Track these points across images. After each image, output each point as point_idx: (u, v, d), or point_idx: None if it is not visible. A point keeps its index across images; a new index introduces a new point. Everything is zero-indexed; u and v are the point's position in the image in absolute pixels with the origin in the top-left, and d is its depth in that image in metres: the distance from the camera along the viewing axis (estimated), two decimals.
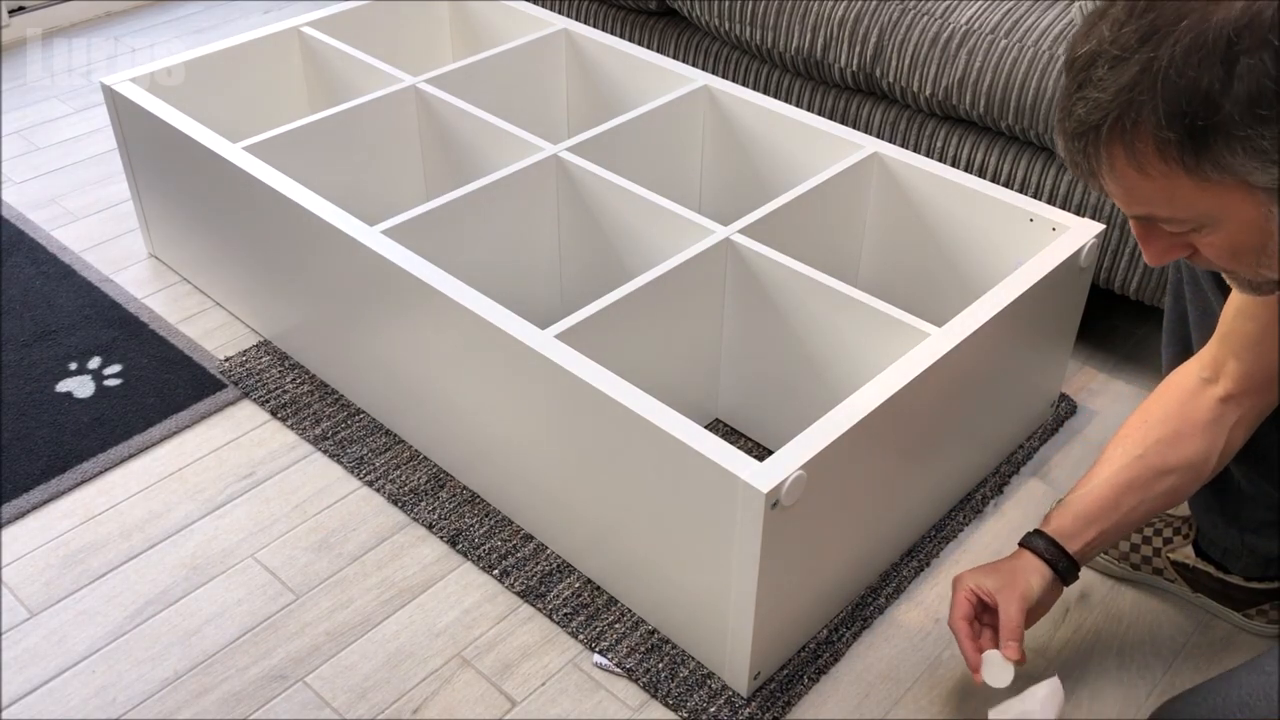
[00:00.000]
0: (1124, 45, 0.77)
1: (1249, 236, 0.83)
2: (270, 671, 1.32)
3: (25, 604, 1.40)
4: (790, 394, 1.51)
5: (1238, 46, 0.73)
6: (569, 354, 1.27)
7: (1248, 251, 0.85)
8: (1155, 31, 0.76)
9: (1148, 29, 0.76)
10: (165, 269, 1.95)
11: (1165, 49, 0.75)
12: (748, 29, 1.90)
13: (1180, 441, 1.17)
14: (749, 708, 1.27)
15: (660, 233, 1.54)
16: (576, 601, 1.39)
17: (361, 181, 1.80)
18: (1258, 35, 0.73)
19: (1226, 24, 0.74)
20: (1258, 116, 0.74)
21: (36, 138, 2.33)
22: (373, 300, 1.50)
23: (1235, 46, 0.73)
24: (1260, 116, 0.74)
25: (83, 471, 1.56)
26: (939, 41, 1.70)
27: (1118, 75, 0.78)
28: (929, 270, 1.64)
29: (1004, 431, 1.56)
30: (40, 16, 2.72)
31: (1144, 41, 0.76)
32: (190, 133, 1.67)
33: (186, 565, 1.45)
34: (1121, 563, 1.42)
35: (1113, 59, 0.78)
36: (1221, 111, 0.74)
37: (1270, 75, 0.73)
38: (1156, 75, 0.76)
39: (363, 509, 1.52)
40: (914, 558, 1.44)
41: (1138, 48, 0.77)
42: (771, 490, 1.10)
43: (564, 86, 2.02)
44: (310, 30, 1.97)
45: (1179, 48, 0.75)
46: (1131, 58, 0.77)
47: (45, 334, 1.79)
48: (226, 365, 1.73)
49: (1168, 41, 0.75)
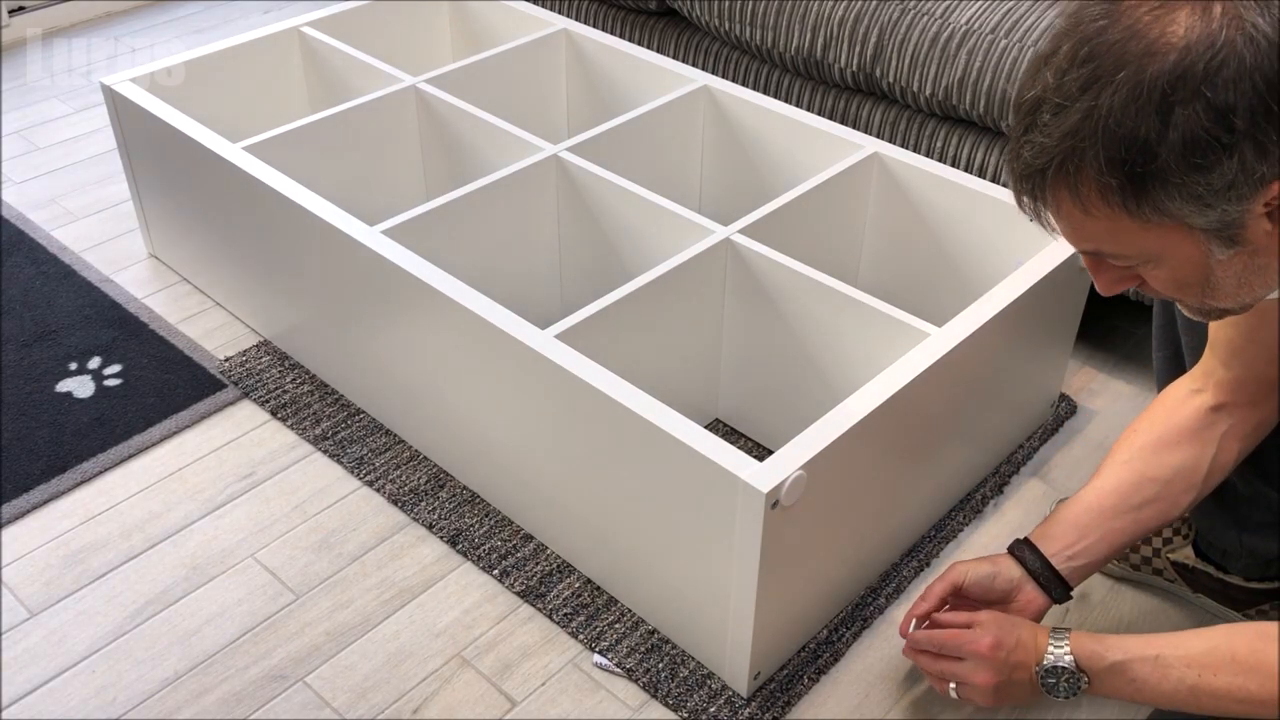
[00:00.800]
0: (1066, 93, 0.80)
1: (1192, 272, 0.86)
2: (270, 671, 1.32)
3: (25, 604, 1.40)
4: (790, 394, 1.51)
5: (1172, 97, 0.76)
6: (569, 354, 1.27)
7: (1192, 284, 0.88)
8: (1096, 80, 0.79)
9: (1089, 77, 0.79)
10: (165, 269, 1.95)
11: (1105, 98, 0.78)
12: (748, 29, 1.90)
13: (1165, 449, 1.17)
14: (749, 708, 1.27)
15: (660, 233, 1.54)
16: (576, 601, 1.39)
17: (361, 181, 1.80)
18: (1190, 87, 0.75)
19: (1161, 75, 0.76)
20: (1193, 164, 0.77)
21: (36, 138, 2.33)
22: (373, 300, 1.50)
23: (1170, 97, 0.76)
24: (1195, 164, 0.77)
25: (83, 471, 1.56)
26: (939, 41, 1.70)
27: (1061, 122, 0.80)
28: (929, 270, 1.64)
29: (1004, 431, 1.56)
30: (40, 16, 2.72)
31: (1085, 90, 0.79)
32: (190, 133, 1.67)
33: (186, 565, 1.45)
34: (1121, 563, 1.42)
35: (1056, 106, 0.81)
36: (1159, 159, 0.77)
37: (1203, 125, 0.76)
38: (1097, 123, 0.78)
39: (363, 509, 1.52)
40: (914, 558, 1.44)
41: (1079, 95, 0.79)
42: (771, 490, 1.10)
43: (564, 86, 2.02)
44: (310, 30, 1.97)
45: (1118, 98, 0.77)
46: (1074, 105, 0.79)
47: (45, 334, 1.79)
48: (226, 365, 1.73)
49: (1107, 91, 0.78)
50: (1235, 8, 0.76)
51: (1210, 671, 1.00)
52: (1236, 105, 0.75)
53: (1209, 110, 0.75)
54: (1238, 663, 0.98)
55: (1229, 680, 0.98)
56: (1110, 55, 0.78)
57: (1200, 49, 0.75)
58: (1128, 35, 0.78)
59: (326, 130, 1.74)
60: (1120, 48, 0.78)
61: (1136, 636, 1.07)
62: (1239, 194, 0.78)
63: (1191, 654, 1.02)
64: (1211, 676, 1.00)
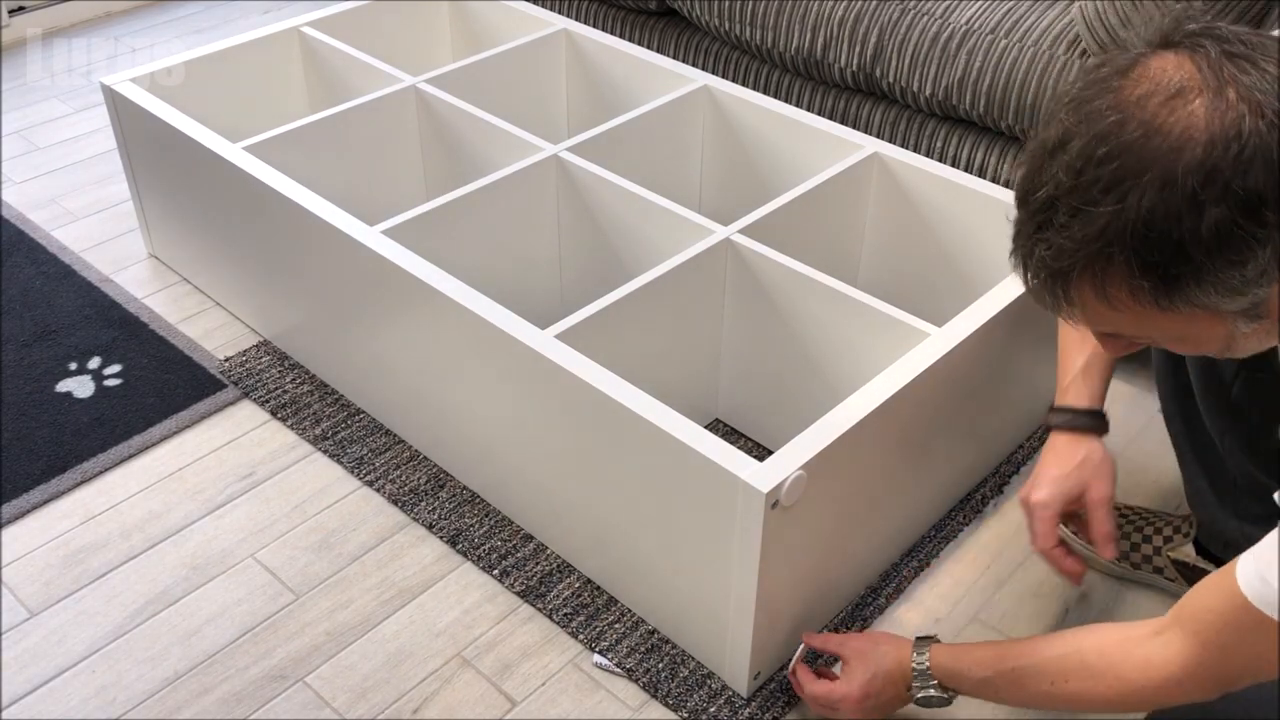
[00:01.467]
0: (1086, 195, 0.78)
1: (1213, 344, 0.86)
2: (270, 671, 1.32)
3: (25, 604, 1.40)
4: (790, 394, 1.51)
5: (1202, 196, 0.74)
6: (569, 354, 1.27)
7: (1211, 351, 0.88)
8: (1119, 182, 0.76)
9: (1111, 179, 0.76)
10: (165, 269, 1.95)
11: (1132, 200, 0.76)
12: (748, 29, 1.90)
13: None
14: (749, 708, 1.27)
15: (660, 233, 1.54)
16: (576, 601, 1.39)
17: (361, 181, 1.80)
18: (1220, 183, 0.74)
19: (1190, 173, 0.74)
20: (1227, 259, 0.76)
21: (36, 138, 2.33)
22: (373, 300, 1.50)
23: (1200, 196, 0.74)
24: (1230, 260, 0.76)
25: (83, 471, 1.56)
26: (939, 41, 1.70)
27: (1084, 225, 0.78)
28: (929, 270, 1.64)
29: (1004, 431, 1.56)
30: (40, 16, 2.72)
31: (1107, 191, 0.77)
32: (190, 133, 1.67)
33: (186, 565, 1.45)
34: (1121, 562, 1.42)
35: (1074, 208, 0.78)
36: (1193, 259, 0.76)
37: (1236, 221, 0.74)
38: (1125, 228, 0.76)
39: (363, 509, 1.52)
40: (914, 558, 1.44)
41: (1101, 198, 0.77)
42: (771, 490, 1.10)
43: (564, 86, 2.02)
44: (310, 30, 1.97)
45: (1145, 201, 0.75)
46: (1096, 209, 0.77)
47: (45, 334, 1.79)
48: (226, 365, 1.73)
49: (1134, 193, 0.76)
50: (1249, 93, 0.74)
51: (1063, 678, 1.03)
52: (1267, 196, 0.74)
53: (1240, 204, 0.74)
54: (1087, 667, 1.01)
55: (1080, 685, 1.02)
56: (1132, 154, 0.76)
57: (1226, 141, 0.73)
58: (1147, 132, 0.75)
59: (326, 130, 1.74)
60: (1142, 145, 0.75)
61: (992, 648, 1.12)
62: (1269, 278, 0.77)
63: (1044, 663, 1.05)
64: (1064, 683, 1.03)
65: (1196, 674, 0.95)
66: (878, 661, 1.18)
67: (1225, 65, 0.75)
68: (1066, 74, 1.60)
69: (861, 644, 1.21)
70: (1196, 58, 0.77)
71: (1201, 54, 0.77)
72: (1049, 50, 1.62)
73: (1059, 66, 1.61)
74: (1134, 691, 0.99)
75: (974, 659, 1.12)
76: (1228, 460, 1.23)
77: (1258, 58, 0.76)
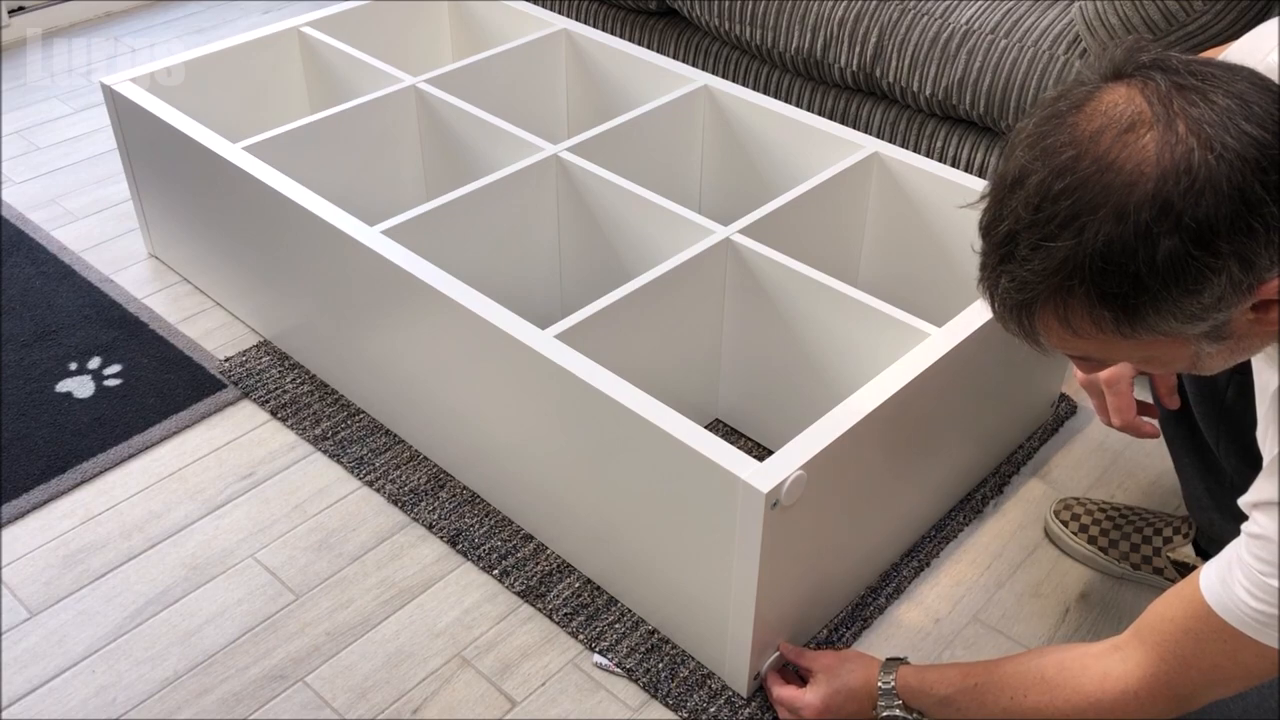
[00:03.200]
0: (1044, 230, 0.79)
1: (1180, 364, 0.88)
2: (270, 671, 1.32)
3: (25, 604, 1.40)
4: (790, 394, 1.51)
5: (1155, 229, 0.76)
6: (569, 354, 1.27)
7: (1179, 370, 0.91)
8: (1076, 217, 0.78)
9: (1067, 214, 0.78)
10: (165, 269, 1.95)
11: (1089, 234, 0.77)
12: (748, 29, 1.90)
13: None
14: (749, 708, 1.27)
15: (660, 233, 1.54)
16: (576, 601, 1.39)
17: (361, 181, 1.80)
18: (1172, 216, 0.75)
19: (1142, 207, 0.76)
20: (1184, 289, 0.77)
21: (36, 138, 2.33)
22: (373, 300, 1.50)
23: (1153, 229, 0.76)
24: (1186, 289, 0.77)
25: (83, 471, 1.56)
26: (939, 41, 1.70)
27: (1043, 258, 0.80)
28: (929, 270, 1.64)
29: (1004, 431, 1.56)
30: (40, 16, 2.72)
31: (1065, 226, 0.78)
32: (190, 133, 1.67)
33: (186, 565, 1.45)
34: (1121, 562, 1.42)
35: (1034, 242, 0.80)
36: (1149, 289, 0.77)
37: (1189, 253, 0.76)
38: (1084, 261, 0.78)
39: (363, 509, 1.52)
40: (914, 558, 1.44)
41: (1059, 233, 0.78)
42: (771, 490, 1.10)
43: (564, 86, 2.02)
44: (310, 30, 1.97)
45: (1101, 235, 0.77)
46: (1055, 243, 0.79)
47: (45, 334, 1.79)
48: (226, 365, 1.73)
49: (1090, 227, 0.77)
50: (1198, 125, 0.76)
51: (1022, 693, 1.06)
52: (1219, 227, 0.75)
53: (1192, 236, 0.75)
54: (1046, 681, 1.04)
55: (1039, 698, 1.04)
56: (1087, 189, 0.77)
57: (1176, 175, 0.75)
58: (1101, 167, 0.77)
59: (326, 130, 1.74)
60: (1097, 180, 0.77)
61: (958, 667, 1.14)
62: (1228, 304, 0.79)
63: (1005, 678, 1.08)
64: (1023, 697, 1.06)
65: (1153, 687, 0.96)
66: (843, 679, 1.21)
67: (1175, 98, 0.77)
68: (1066, 74, 1.60)
69: (830, 660, 1.24)
70: (1147, 90, 0.78)
71: (1151, 85, 0.78)
72: (1049, 50, 1.62)
73: (1059, 66, 1.61)
74: (1091, 705, 1.00)
75: (938, 677, 1.15)
76: (1224, 464, 1.23)
77: (1206, 89, 0.77)
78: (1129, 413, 1.21)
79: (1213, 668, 0.92)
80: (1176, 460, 1.34)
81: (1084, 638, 1.36)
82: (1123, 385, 1.21)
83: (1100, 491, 1.55)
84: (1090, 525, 1.44)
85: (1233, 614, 0.89)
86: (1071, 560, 1.45)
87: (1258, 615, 0.87)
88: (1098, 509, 1.46)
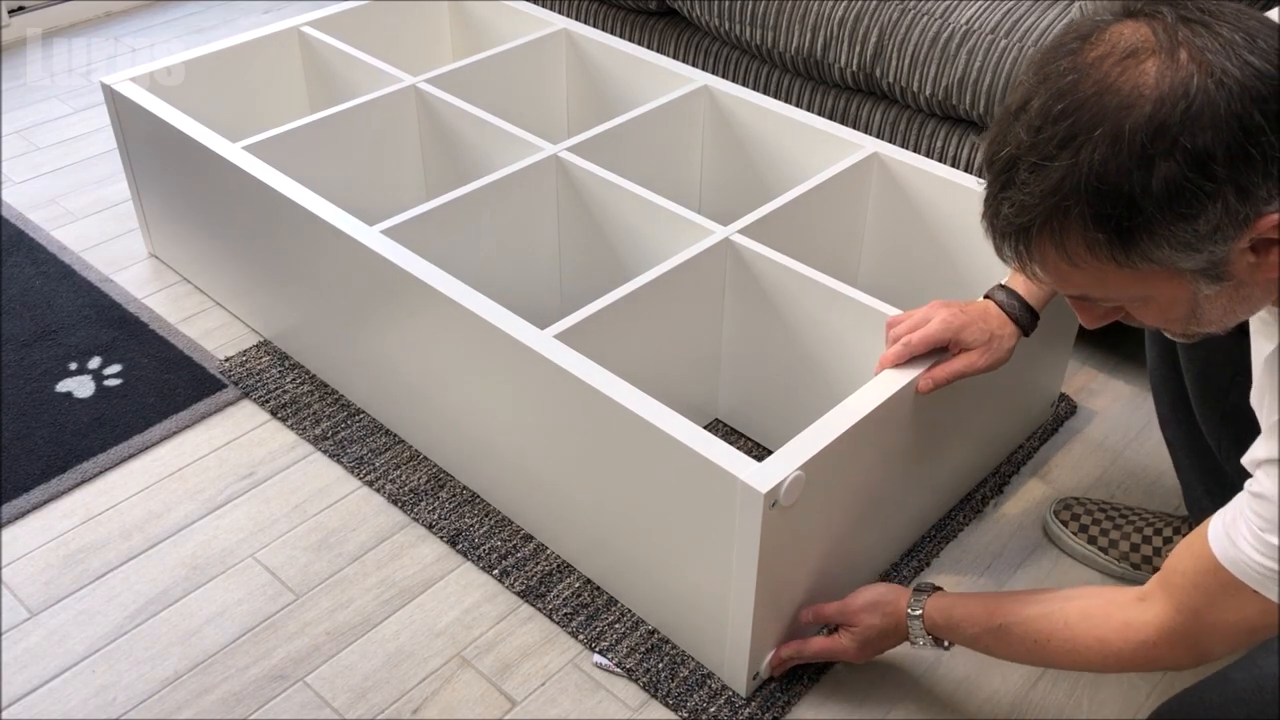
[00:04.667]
0: (1044, 151, 0.80)
1: (1179, 309, 0.87)
2: (270, 671, 1.32)
3: (25, 604, 1.40)
4: (790, 394, 1.51)
5: (1151, 150, 0.76)
6: (569, 354, 1.27)
7: (1178, 318, 0.89)
8: (1073, 137, 0.79)
9: (1065, 134, 0.79)
10: (165, 269, 1.95)
11: (1085, 154, 0.78)
12: (748, 29, 1.90)
13: None
14: (749, 708, 1.27)
15: (660, 233, 1.54)
16: (576, 601, 1.39)
17: (361, 181, 1.81)
18: (1169, 137, 0.76)
19: (1139, 128, 0.76)
20: (1178, 214, 0.77)
21: (36, 138, 2.33)
22: (373, 300, 1.50)
23: (1149, 150, 0.76)
24: (1180, 214, 0.77)
25: (83, 471, 1.56)
26: (939, 41, 1.70)
27: (1041, 180, 0.80)
28: (929, 270, 1.64)
29: (1004, 431, 1.56)
30: (40, 16, 2.72)
31: (1063, 147, 0.79)
32: (190, 133, 1.67)
33: (186, 565, 1.45)
34: (1121, 562, 1.42)
35: (1032, 165, 0.81)
36: (1144, 212, 0.78)
37: (1185, 175, 0.76)
38: (1079, 181, 0.79)
39: (363, 509, 1.52)
40: (914, 558, 1.44)
41: (1057, 153, 0.79)
42: (770, 490, 1.10)
43: (564, 86, 2.02)
44: (310, 30, 1.97)
45: (1098, 154, 0.77)
46: (1053, 164, 0.79)
47: (45, 334, 1.79)
48: (226, 365, 1.73)
49: (1086, 148, 0.78)
50: (1200, 54, 0.76)
51: (1045, 638, 1.07)
52: (1215, 152, 0.75)
53: (1189, 159, 0.76)
54: (1069, 627, 1.05)
55: (1062, 645, 1.06)
56: (1085, 111, 0.78)
57: (1174, 98, 0.76)
58: (1100, 89, 0.78)
59: (326, 130, 1.74)
60: (1095, 102, 0.78)
61: (983, 604, 1.14)
62: (1224, 235, 0.79)
63: (1030, 621, 1.08)
64: (1047, 642, 1.07)
65: (1170, 638, 0.97)
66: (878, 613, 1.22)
67: (1180, 29, 0.78)
68: None
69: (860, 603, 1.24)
70: (1154, 23, 0.79)
71: (1159, 19, 0.79)
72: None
73: None
74: (1113, 654, 1.01)
75: (964, 614, 1.15)
76: (1226, 466, 1.23)
77: (1213, 22, 0.78)
78: (891, 362, 1.25)
79: (1226, 624, 0.93)
80: (1177, 461, 1.34)
81: None
82: (916, 337, 1.24)
83: (1100, 491, 1.55)
84: (1090, 525, 1.44)
85: (1238, 567, 0.89)
86: (1071, 560, 1.45)
87: (1261, 569, 0.88)
88: (1098, 509, 1.46)
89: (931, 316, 1.25)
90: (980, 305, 1.27)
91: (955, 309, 1.25)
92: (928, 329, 1.24)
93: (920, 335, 1.24)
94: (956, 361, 1.25)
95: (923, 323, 1.25)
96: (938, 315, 1.24)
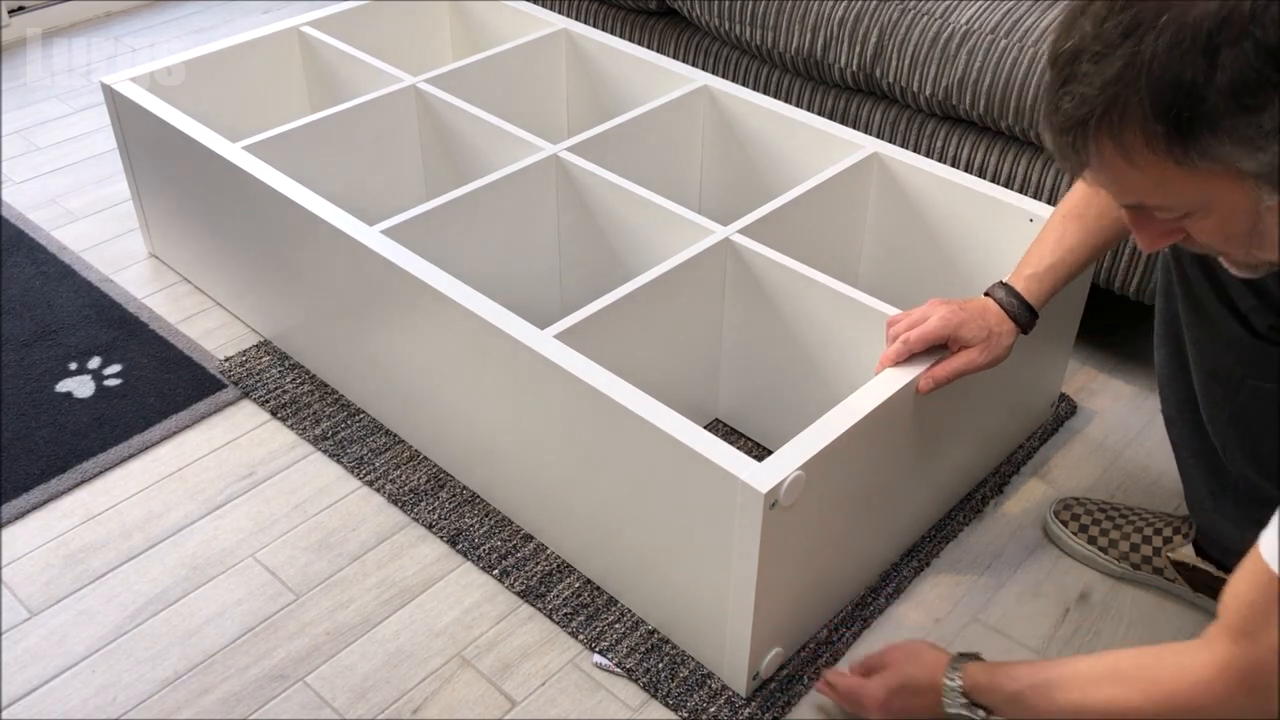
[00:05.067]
0: (1106, 41, 0.79)
1: (1240, 221, 0.84)
2: (270, 671, 1.32)
3: (25, 604, 1.40)
4: (790, 394, 1.51)
5: (1218, 38, 0.75)
6: (569, 354, 1.27)
7: (1239, 235, 0.86)
8: (1137, 26, 0.77)
9: (1129, 24, 0.78)
10: (165, 269, 1.95)
11: (1148, 43, 0.77)
12: (748, 29, 1.90)
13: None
14: (749, 708, 1.27)
15: (660, 233, 1.54)
16: (576, 601, 1.39)
17: (361, 181, 1.81)
18: (1237, 27, 0.74)
19: (1206, 17, 0.75)
20: (1243, 106, 0.76)
21: (36, 138, 2.33)
22: (373, 300, 1.50)
23: (1216, 38, 0.75)
24: (1245, 106, 0.76)
25: (83, 471, 1.56)
26: (939, 41, 1.70)
27: (1102, 70, 0.79)
28: (929, 270, 1.64)
29: (1004, 431, 1.56)
30: (40, 16, 2.72)
31: (1126, 36, 0.78)
32: (190, 133, 1.67)
33: (186, 565, 1.45)
34: (1121, 562, 1.42)
35: (1095, 54, 0.79)
36: (1206, 103, 0.76)
37: (1252, 65, 0.74)
38: (1140, 69, 0.77)
39: (363, 509, 1.52)
40: (914, 558, 1.44)
41: (1120, 42, 0.78)
42: (770, 490, 1.10)
43: (564, 86, 2.02)
44: (310, 30, 1.97)
45: (1161, 41, 0.76)
46: (1114, 53, 0.78)
47: (45, 334, 1.79)
48: (226, 365, 1.73)
49: (1150, 36, 0.77)
50: None
51: (1094, 686, 1.00)
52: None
53: (1257, 49, 0.74)
54: (1119, 674, 0.99)
55: (1112, 691, 0.98)
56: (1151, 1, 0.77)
57: None
58: None
59: (326, 130, 1.74)
60: None
61: (1028, 664, 1.10)
62: None
63: (1078, 673, 1.03)
64: (1095, 690, 1.00)
65: (1227, 673, 0.90)
66: (909, 671, 1.17)
67: None
68: None
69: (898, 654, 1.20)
70: None
71: None
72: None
73: None
74: (1165, 696, 0.94)
75: (1008, 674, 1.10)
76: (1231, 468, 1.23)
77: None
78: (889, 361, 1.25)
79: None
80: (1181, 462, 1.34)
81: (1084, 638, 1.36)
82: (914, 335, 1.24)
83: (1100, 491, 1.55)
84: (1090, 525, 1.44)
85: None
86: (1071, 560, 1.45)
87: None
88: (1098, 509, 1.46)
89: (930, 314, 1.25)
90: (979, 302, 1.27)
91: (953, 306, 1.25)
92: (926, 326, 1.24)
93: (919, 332, 1.24)
94: (956, 359, 1.25)
95: (921, 320, 1.25)
96: (936, 313, 1.25)
